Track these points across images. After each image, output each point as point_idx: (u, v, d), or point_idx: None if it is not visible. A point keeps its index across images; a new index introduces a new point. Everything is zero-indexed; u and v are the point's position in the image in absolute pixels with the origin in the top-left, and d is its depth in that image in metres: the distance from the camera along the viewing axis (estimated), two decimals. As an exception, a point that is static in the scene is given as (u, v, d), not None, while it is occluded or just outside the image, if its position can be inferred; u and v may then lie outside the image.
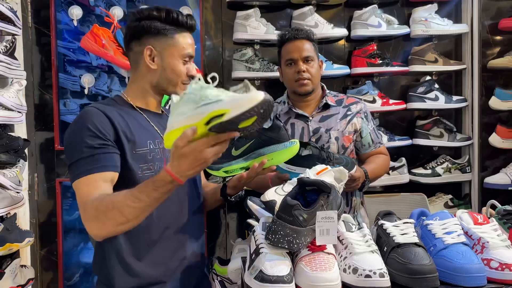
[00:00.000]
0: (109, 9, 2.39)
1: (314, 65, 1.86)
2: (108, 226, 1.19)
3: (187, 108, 1.05)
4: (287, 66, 1.88)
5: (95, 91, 2.68)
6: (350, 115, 1.91)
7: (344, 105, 1.94)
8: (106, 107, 1.34)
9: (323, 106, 1.91)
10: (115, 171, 1.26)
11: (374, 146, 1.94)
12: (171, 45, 1.38)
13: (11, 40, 2.20)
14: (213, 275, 1.88)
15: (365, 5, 2.54)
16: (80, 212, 1.23)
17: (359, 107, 1.94)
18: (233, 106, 0.98)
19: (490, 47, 2.63)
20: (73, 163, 1.25)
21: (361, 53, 2.54)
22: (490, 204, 1.52)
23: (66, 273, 2.59)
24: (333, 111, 1.91)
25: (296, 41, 1.85)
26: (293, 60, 1.85)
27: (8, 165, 2.17)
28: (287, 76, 1.89)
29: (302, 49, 1.84)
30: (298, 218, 1.07)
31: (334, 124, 1.88)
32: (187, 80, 1.40)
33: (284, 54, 1.88)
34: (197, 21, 2.48)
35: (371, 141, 1.93)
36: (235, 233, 2.62)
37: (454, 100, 2.58)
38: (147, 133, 1.38)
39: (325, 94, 1.93)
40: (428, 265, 1.06)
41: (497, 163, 2.63)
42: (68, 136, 1.30)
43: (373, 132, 1.95)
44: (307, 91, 1.86)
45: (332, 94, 1.98)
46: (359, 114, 1.92)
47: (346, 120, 1.90)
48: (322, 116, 1.90)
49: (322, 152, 1.59)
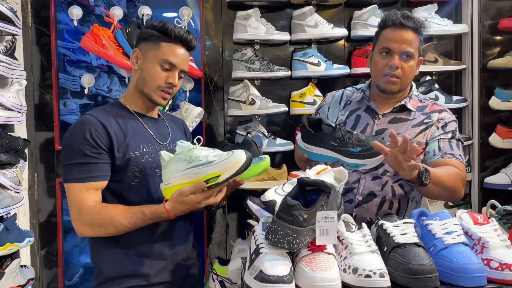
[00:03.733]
0: (109, 9, 2.38)
1: (411, 63, 1.58)
2: (98, 232, 1.40)
3: (179, 166, 1.31)
4: (380, 54, 1.60)
5: (95, 91, 2.69)
6: (427, 123, 1.62)
7: (425, 112, 1.65)
8: (103, 115, 1.44)
9: (400, 108, 1.65)
10: (104, 180, 1.41)
11: (441, 155, 1.56)
12: (154, 49, 1.48)
13: (11, 40, 2.20)
14: (213, 275, 1.88)
15: (365, 5, 2.54)
16: (71, 211, 1.40)
17: (442, 115, 1.64)
18: (225, 169, 1.27)
19: (490, 47, 2.63)
20: (66, 164, 1.40)
21: (361, 53, 2.53)
22: (490, 204, 1.52)
23: (66, 273, 2.59)
24: (409, 116, 1.64)
25: (401, 30, 1.56)
26: (389, 51, 1.57)
27: (8, 165, 2.17)
28: (376, 65, 1.61)
29: (405, 41, 1.56)
30: (298, 218, 1.07)
31: (403, 130, 1.60)
32: (165, 87, 1.48)
33: (382, 39, 1.60)
34: (197, 21, 2.53)
35: (437, 148, 1.57)
36: (235, 233, 2.62)
37: (454, 100, 2.58)
38: (141, 138, 1.48)
39: (410, 96, 1.66)
40: (428, 265, 1.06)
41: (497, 163, 2.63)
42: (65, 141, 1.44)
43: (445, 141, 1.58)
44: (392, 90, 1.60)
45: (419, 98, 1.69)
46: (438, 123, 1.62)
47: (419, 129, 1.61)
48: (395, 117, 1.64)
49: (337, 131, 1.41)
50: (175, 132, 1.62)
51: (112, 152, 1.41)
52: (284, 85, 2.58)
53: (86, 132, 1.38)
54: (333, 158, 1.44)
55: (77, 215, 1.38)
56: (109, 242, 1.44)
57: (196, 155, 1.29)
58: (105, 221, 1.35)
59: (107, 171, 1.41)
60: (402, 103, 1.64)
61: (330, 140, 1.41)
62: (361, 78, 2.63)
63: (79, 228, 1.40)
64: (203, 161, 1.28)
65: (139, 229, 1.42)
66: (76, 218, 1.38)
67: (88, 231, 1.40)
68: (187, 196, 1.30)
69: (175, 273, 1.49)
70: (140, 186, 1.44)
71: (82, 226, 1.39)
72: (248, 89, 2.44)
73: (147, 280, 1.43)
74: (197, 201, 1.31)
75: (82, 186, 1.37)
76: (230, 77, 2.51)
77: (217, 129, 2.61)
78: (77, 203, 1.37)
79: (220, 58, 2.59)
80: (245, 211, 1.47)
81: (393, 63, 1.56)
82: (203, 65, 2.55)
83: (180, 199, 1.30)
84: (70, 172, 1.39)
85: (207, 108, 2.57)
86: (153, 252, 1.46)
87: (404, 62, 1.57)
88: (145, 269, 1.44)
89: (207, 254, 2.58)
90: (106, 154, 1.40)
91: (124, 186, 1.43)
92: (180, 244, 1.53)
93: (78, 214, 1.38)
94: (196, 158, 1.29)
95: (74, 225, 1.40)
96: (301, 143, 1.50)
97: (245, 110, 2.43)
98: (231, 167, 1.26)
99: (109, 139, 1.41)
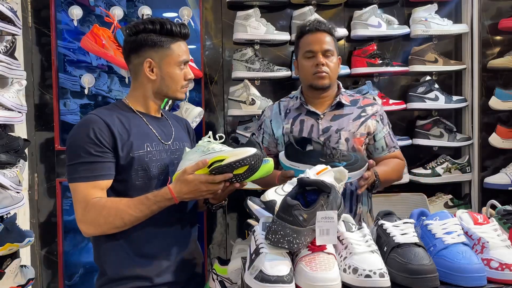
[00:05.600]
0: (109, 9, 2.39)
1: (334, 60, 1.78)
2: (104, 229, 1.38)
3: (196, 156, 1.35)
4: (305, 58, 1.79)
5: (95, 91, 2.69)
6: (364, 116, 1.82)
7: (359, 105, 1.85)
8: (106, 114, 1.45)
9: (337, 105, 1.82)
10: (109, 179, 1.41)
11: (388, 150, 1.85)
12: (168, 55, 1.48)
13: (11, 40, 2.20)
14: (213, 275, 1.88)
15: (365, 5, 2.54)
16: (76, 211, 1.39)
17: (375, 109, 1.85)
18: (231, 154, 1.29)
19: (490, 47, 2.63)
20: (72, 164, 1.39)
21: (361, 53, 2.54)
22: (490, 204, 1.52)
23: (66, 273, 2.59)
24: (346, 111, 1.82)
25: (317, 33, 1.77)
26: (312, 52, 1.76)
27: (8, 165, 2.17)
28: (304, 68, 1.80)
29: (323, 42, 1.76)
30: (298, 218, 1.07)
31: (346, 125, 1.79)
32: (186, 84, 1.54)
33: (303, 45, 1.80)
34: (197, 21, 2.53)
35: (385, 145, 1.85)
36: (235, 233, 2.62)
37: (454, 100, 2.58)
38: (145, 137, 1.48)
39: (340, 93, 1.84)
40: (428, 265, 1.06)
41: (497, 163, 2.63)
42: (70, 140, 1.43)
43: (388, 136, 1.86)
44: (324, 85, 1.77)
45: (348, 94, 1.90)
46: (374, 117, 1.83)
47: (359, 122, 1.81)
48: (334, 115, 1.82)
49: (325, 148, 1.53)
50: (179, 132, 1.62)
51: (116, 151, 1.40)
52: (284, 85, 2.58)
53: (90, 131, 1.38)
54: None
55: (83, 214, 1.37)
56: (112, 243, 1.43)
57: (213, 147, 1.34)
58: (110, 214, 1.34)
59: (112, 170, 1.41)
60: (337, 100, 1.82)
61: (318, 156, 1.51)
62: (361, 78, 2.64)
63: (84, 227, 1.39)
64: (216, 150, 1.33)
65: (142, 230, 1.42)
66: (82, 217, 1.37)
67: (94, 230, 1.39)
68: (190, 175, 1.30)
69: (179, 274, 1.48)
70: (144, 186, 1.43)
71: (88, 225, 1.38)
72: (248, 89, 2.44)
73: (151, 281, 1.43)
74: (200, 181, 1.30)
75: (88, 185, 1.37)
76: (230, 77, 2.51)
77: (217, 129, 2.61)
78: (83, 201, 1.36)
79: (220, 58, 2.59)
80: (245, 211, 1.47)
81: (318, 61, 1.75)
82: (203, 65, 2.55)
83: (182, 177, 1.31)
84: (75, 172, 1.38)
85: (207, 108, 2.57)
86: (157, 253, 1.45)
87: (327, 59, 1.76)
88: (148, 270, 1.43)
89: (207, 254, 2.58)
90: (110, 153, 1.40)
91: (128, 185, 1.43)
92: (183, 245, 1.53)
93: (83, 213, 1.37)
94: (211, 149, 1.33)
95: (80, 225, 1.39)
96: (285, 161, 1.57)
97: (245, 110, 2.43)
98: (237, 154, 1.28)
99: (113, 138, 1.40)
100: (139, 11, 2.44)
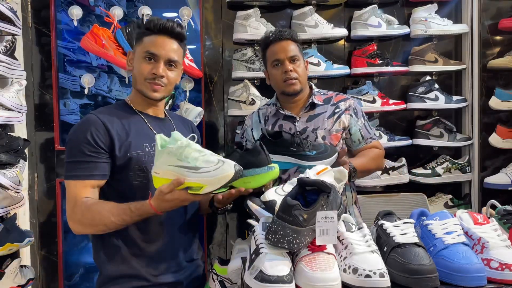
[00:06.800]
0: (109, 9, 2.38)
1: (301, 64, 1.85)
2: (89, 229, 1.42)
3: (169, 160, 1.26)
4: (273, 67, 1.86)
5: (95, 91, 2.69)
6: (338, 112, 1.88)
7: (333, 103, 1.91)
8: (106, 114, 1.47)
9: (310, 106, 1.89)
10: (101, 179, 1.43)
11: (364, 142, 1.90)
12: (139, 46, 1.52)
13: (11, 40, 2.20)
14: (213, 275, 1.88)
15: (365, 5, 2.54)
16: (67, 208, 1.43)
17: (348, 104, 1.91)
18: (209, 183, 1.21)
19: (490, 47, 2.63)
20: (67, 162, 1.44)
21: (361, 53, 2.54)
22: (490, 204, 1.52)
23: (66, 273, 2.59)
24: (320, 110, 1.89)
25: (281, 42, 1.84)
26: (279, 61, 1.83)
27: (8, 165, 2.17)
28: (274, 77, 1.87)
29: (288, 49, 1.83)
30: (298, 218, 1.07)
31: (321, 123, 1.86)
32: (151, 78, 1.49)
33: (270, 55, 1.87)
34: (197, 21, 2.53)
35: (361, 137, 1.89)
36: (235, 233, 2.62)
37: (454, 100, 2.58)
38: (144, 137, 1.49)
39: (312, 94, 1.91)
40: (428, 265, 1.06)
41: (497, 163, 2.63)
42: (68, 139, 1.46)
43: (363, 128, 1.91)
44: (295, 90, 1.83)
45: (321, 93, 1.95)
46: (348, 111, 1.89)
47: (333, 118, 1.87)
48: (310, 115, 1.88)
49: (295, 138, 1.60)
50: (183, 133, 1.61)
51: (113, 152, 1.42)
52: (284, 85, 2.58)
53: (87, 132, 1.41)
54: (292, 164, 1.61)
55: (71, 211, 1.40)
56: (112, 242, 1.44)
57: (186, 154, 1.24)
58: (94, 218, 1.36)
59: (105, 170, 1.43)
60: (310, 101, 1.88)
61: (289, 146, 1.58)
62: (361, 78, 2.64)
63: (72, 225, 1.42)
64: (191, 164, 1.23)
65: (142, 230, 1.43)
66: (70, 214, 1.41)
67: (81, 228, 1.42)
68: (167, 195, 1.26)
69: (179, 274, 1.49)
70: (142, 186, 1.44)
71: (75, 223, 1.41)
72: (248, 89, 2.44)
73: (150, 280, 1.43)
74: (181, 199, 1.27)
75: (79, 183, 1.40)
76: (230, 77, 2.51)
77: (217, 129, 2.61)
78: (72, 200, 1.40)
79: (220, 58, 2.59)
80: (245, 211, 1.47)
81: (286, 69, 1.82)
82: (203, 65, 2.55)
83: (161, 197, 1.27)
84: (69, 170, 1.42)
85: (207, 108, 2.57)
86: (156, 252, 1.46)
87: (294, 65, 1.83)
88: (147, 270, 1.43)
89: (207, 254, 2.58)
90: (105, 154, 1.42)
91: (126, 185, 1.43)
92: (184, 245, 1.53)
93: (72, 211, 1.40)
94: (185, 158, 1.24)
95: (69, 222, 1.42)
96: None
97: (245, 110, 2.43)
98: (215, 181, 1.21)
99: (110, 138, 1.42)
100: (139, 11, 2.44)
